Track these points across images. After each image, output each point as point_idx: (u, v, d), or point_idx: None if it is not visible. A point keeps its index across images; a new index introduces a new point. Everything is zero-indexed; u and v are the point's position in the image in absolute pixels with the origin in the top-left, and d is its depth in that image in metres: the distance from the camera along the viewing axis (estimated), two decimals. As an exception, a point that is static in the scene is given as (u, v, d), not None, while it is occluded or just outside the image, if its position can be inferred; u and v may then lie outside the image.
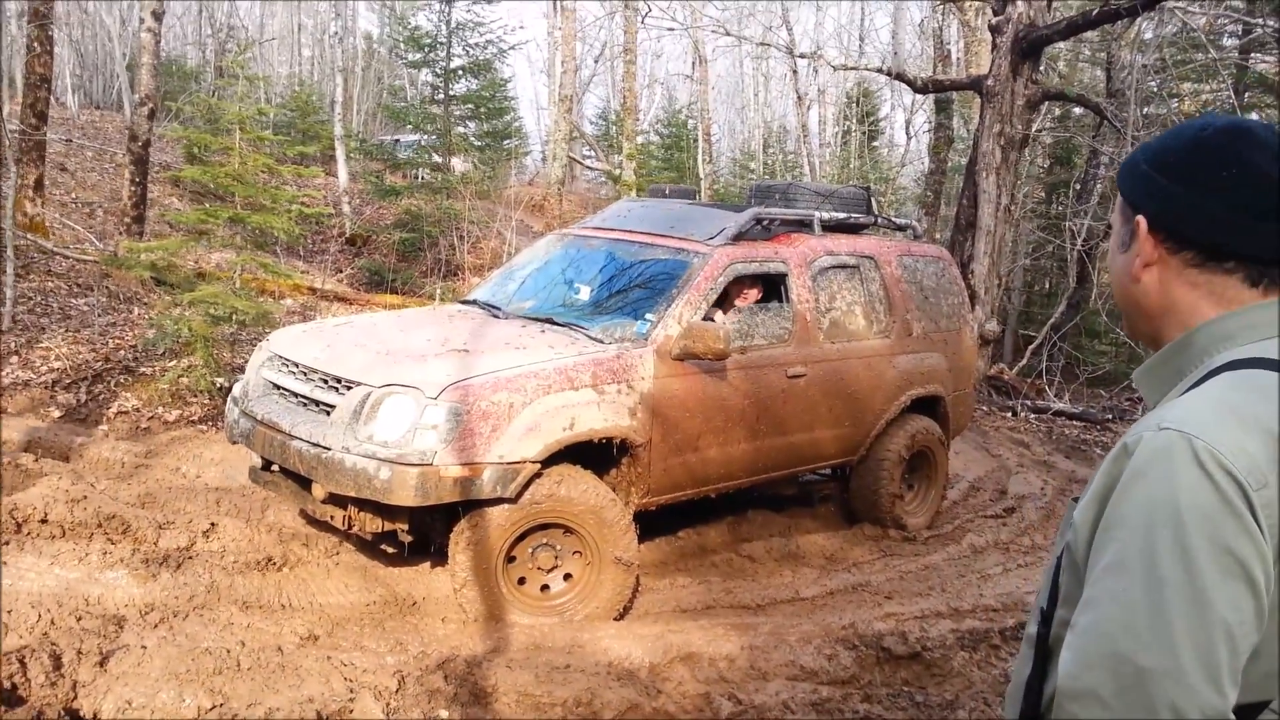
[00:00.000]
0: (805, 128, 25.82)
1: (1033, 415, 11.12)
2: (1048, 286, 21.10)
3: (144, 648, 3.73)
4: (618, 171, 19.31)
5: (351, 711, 3.47)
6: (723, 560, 5.71)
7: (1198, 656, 1.08)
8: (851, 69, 14.66)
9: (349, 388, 4.46)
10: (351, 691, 3.59)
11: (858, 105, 26.43)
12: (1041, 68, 12.77)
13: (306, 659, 3.80)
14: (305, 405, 4.65)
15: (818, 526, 6.37)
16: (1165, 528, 1.11)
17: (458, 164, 17.33)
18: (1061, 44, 14.76)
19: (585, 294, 5.55)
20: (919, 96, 20.84)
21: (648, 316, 5.08)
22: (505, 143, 20.77)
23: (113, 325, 8.40)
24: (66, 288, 9.14)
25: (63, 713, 3.31)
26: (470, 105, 17.48)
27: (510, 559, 4.53)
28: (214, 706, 3.45)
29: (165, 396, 7.20)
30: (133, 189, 11.01)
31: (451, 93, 16.68)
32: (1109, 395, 12.64)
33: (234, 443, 5.02)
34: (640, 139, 25.03)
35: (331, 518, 4.60)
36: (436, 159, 16.25)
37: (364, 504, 4.46)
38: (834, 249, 6.03)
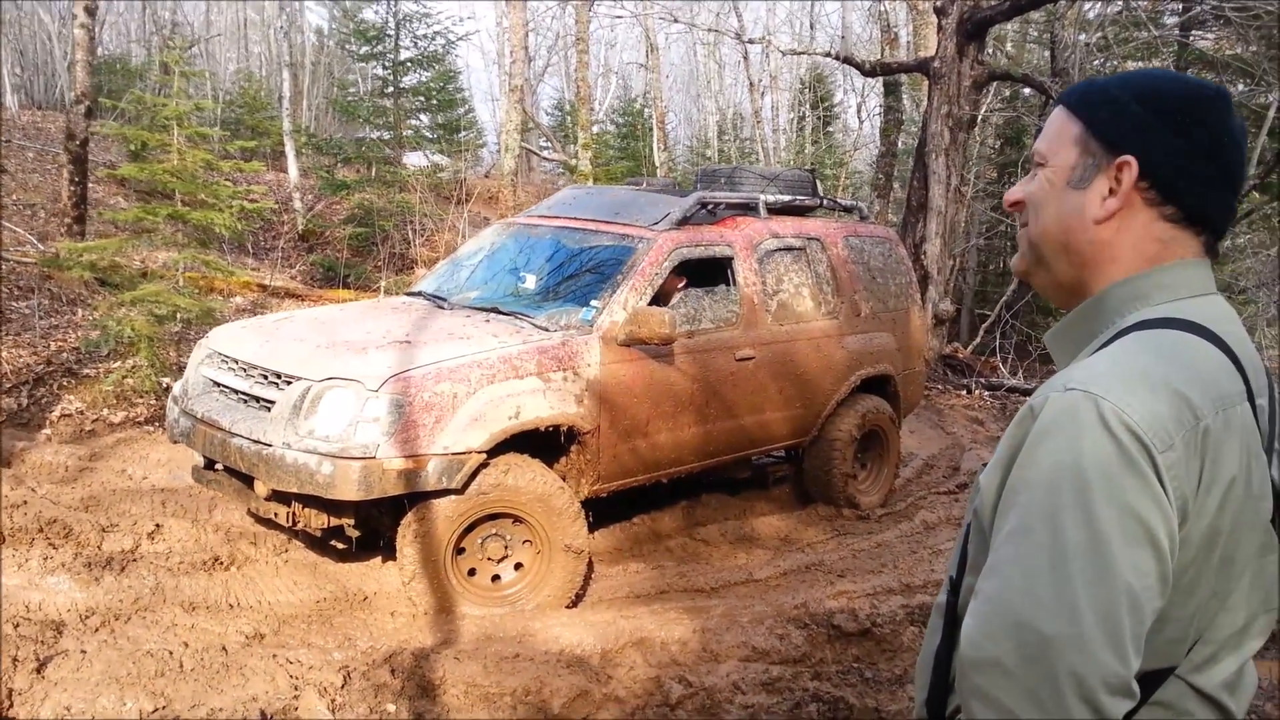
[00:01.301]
0: (759, 114, 25.88)
1: (987, 393, 11.24)
2: (1001, 266, 21.33)
3: (84, 652, 3.67)
4: (574, 162, 19.22)
5: (296, 709, 3.44)
6: (677, 545, 5.72)
7: (1100, 623, 1.05)
8: (800, 54, 14.71)
9: (289, 382, 4.40)
10: (296, 689, 3.55)
11: (811, 91, 26.55)
12: (988, 49, 12.88)
13: (251, 658, 3.75)
14: (245, 402, 4.58)
15: (772, 508, 6.40)
16: (1069, 491, 1.08)
17: (417, 159, 17.19)
18: (1007, 24, 14.90)
19: (531, 282, 5.51)
20: (870, 81, 20.96)
21: (593, 303, 5.06)
22: (458, 135, 20.62)
23: (55, 328, 8.23)
24: (7, 291, 8.93)
25: (-2, 721, 3.25)
26: (421, 98, 17.30)
27: (459, 550, 4.50)
28: (156, 710, 3.40)
29: (110, 398, 7.07)
30: (72, 189, 10.78)
31: (401, 85, 16.50)
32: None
33: (175, 442, 4.94)
34: (596, 129, 24.93)
35: (276, 515, 4.54)
36: (388, 152, 16.07)
37: (308, 500, 4.40)
38: (779, 231, 6.04)
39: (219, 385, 4.77)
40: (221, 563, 4.79)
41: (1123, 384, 1.12)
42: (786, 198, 6.33)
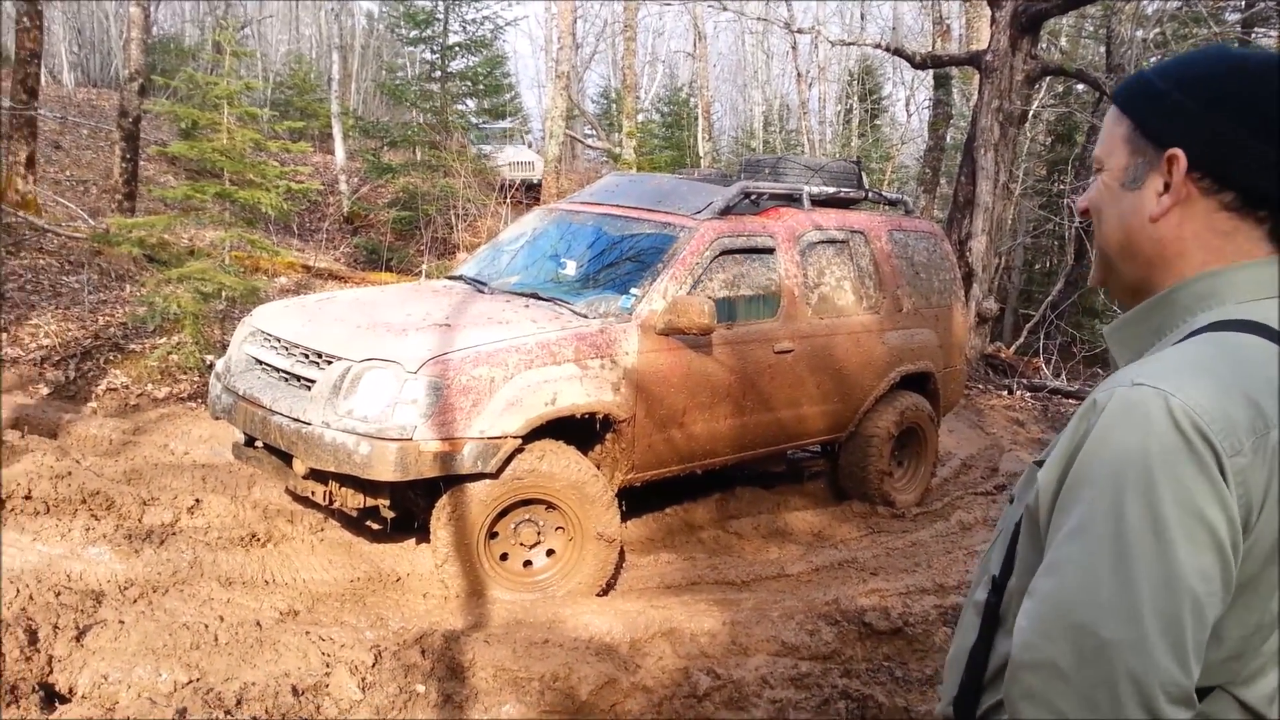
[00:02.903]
0: (806, 105, 25.68)
1: (1029, 394, 11.09)
2: (1048, 265, 21.04)
3: (121, 623, 3.73)
4: (618, 150, 19.22)
5: (327, 686, 3.47)
6: (710, 537, 5.70)
7: (1163, 628, 1.01)
8: (850, 44, 14.56)
9: (329, 362, 4.43)
10: (328, 666, 3.58)
11: (859, 83, 26.30)
12: (1042, 43, 12.66)
13: (285, 634, 3.79)
14: (286, 380, 4.62)
15: (806, 504, 6.35)
16: (1134, 489, 1.04)
17: (513, 153, 17.36)
18: (1062, 19, 14.64)
19: (571, 269, 5.51)
20: (920, 73, 20.71)
21: (632, 291, 5.04)
22: (503, 121, 20.70)
23: (103, 303, 8.38)
24: (58, 265, 9.11)
25: (37, 687, 3.31)
26: (468, 83, 17.39)
27: (493, 535, 4.52)
28: (190, 681, 3.45)
29: (154, 373, 7.19)
30: (124, 165, 10.96)
31: (449, 70, 16.59)
32: (1107, 373, 12.62)
33: (216, 418, 5.01)
34: (641, 117, 24.89)
35: (313, 493, 4.58)
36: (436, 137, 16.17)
37: (345, 479, 4.43)
38: (822, 223, 5.97)
39: (261, 363, 4.81)
40: (258, 539, 4.85)
41: (1194, 383, 1.07)
42: (831, 189, 6.27)
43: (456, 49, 16.60)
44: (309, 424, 4.29)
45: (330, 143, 18.78)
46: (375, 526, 5.04)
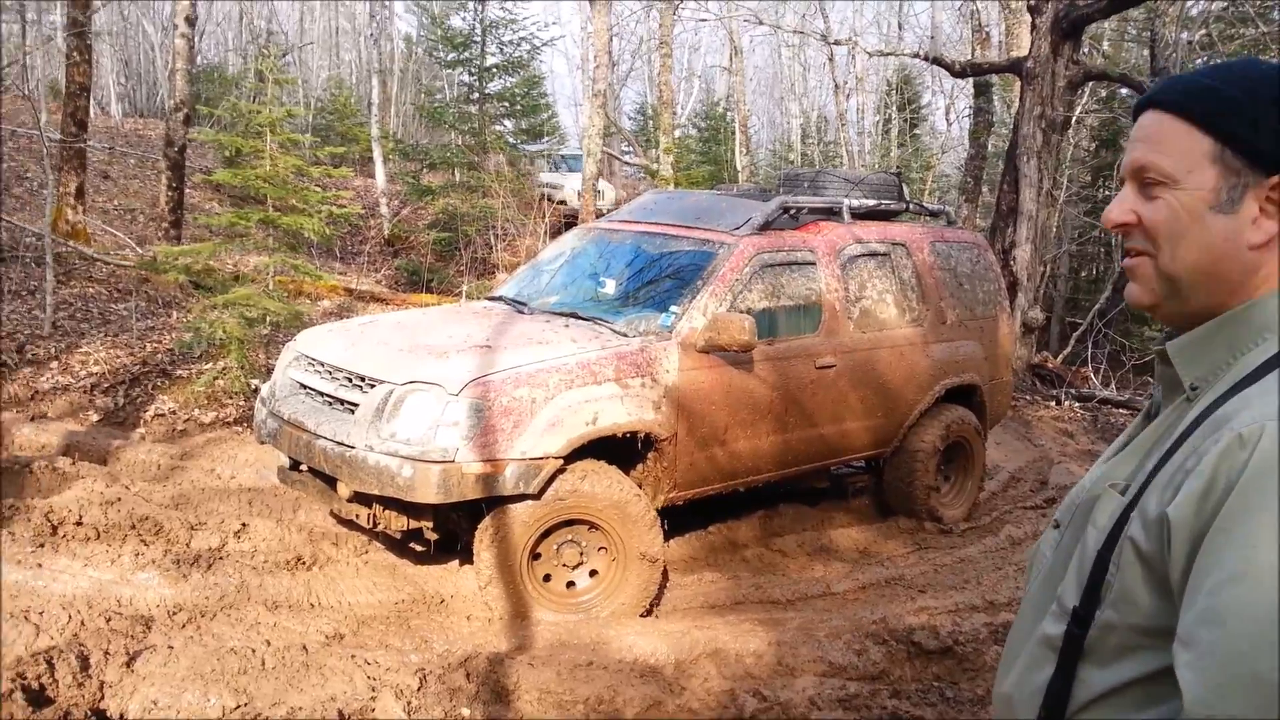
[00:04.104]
0: (844, 117, 25.57)
1: (1077, 404, 10.90)
2: (1094, 272, 20.72)
3: (170, 648, 3.76)
4: (655, 166, 19.26)
5: (373, 710, 3.48)
6: (753, 555, 5.65)
7: None
8: (888, 55, 14.49)
9: (372, 385, 4.46)
10: (373, 690, 3.59)
11: (898, 93, 26.16)
12: (1084, 48, 12.50)
13: (331, 658, 3.81)
14: (330, 404, 4.66)
15: (851, 520, 6.27)
16: None
17: (575, 181, 17.36)
18: (1104, 23, 14.45)
19: (610, 287, 5.50)
20: (960, 82, 20.55)
21: (672, 309, 5.02)
22: (542, 140, 20.83)
23: (151, 329, 8.52)
24: (106, 293, 9.29)
25: (89, 713, 3.35)
26: (505, 103, 17.54)
27: (535, 556, 4.51)
28: (238, 706, 3.47)
29: (201, 399, 7.29)
30: (170, 194, 11.17)
31: (487, 91, 16.74)
32: (1152, 385, 12.35)
33: (262, 443, 5.05)
34: (678, 133, 24.93)
35: (357, 516, 4.61)
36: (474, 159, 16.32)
37: (389, 502, 4.45)
38: (863, 236, 5.92)
39: (305, 387, 4.86)
40: (304, 562, 4.88)
41: None
42: (871, 202, 6.21)
43: (494, 70, 16.76)
44: (352, 447, 4.32)
45: (371, 166, 19.01)
46: (419, 549, 5.06)
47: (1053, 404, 10.81)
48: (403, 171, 17.77)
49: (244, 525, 5.14)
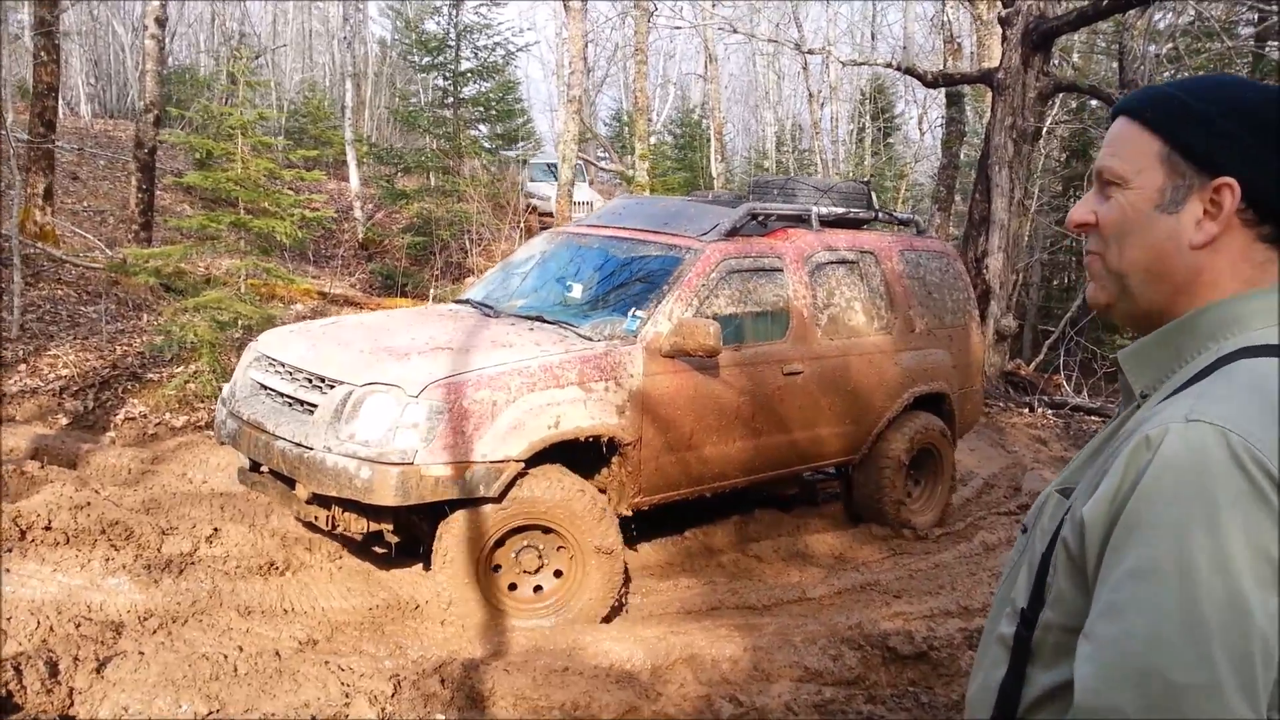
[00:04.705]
0: (818, 125, 25.73)
1: (1050, 411, 11.00)
2: (1066, 281, 20.97)
3: (141, 654, 3.71)
4: (631, 172, 19.28)
5: (347, 716, 3.45)
6: (729, 560, 5.66)
7: (1236, 672, 0.97)
8: (861, 64, 14.59)
9: (331, 386, 4.43)
10: (347, 696, 3.56)
11: (872, 102, 26.36)
12: (1054, 60, 12.65)
13: (304, 664, 3.77)
14: (290, 405, 4.61)
15: (826, 526, 6.30)
16: (1200, 530, 1.00)
17: (584, 194, 17.17)
18: (1074, 35, 14.64)
19: (578, 291, 5.49)
20: (932, 92, 20.73)
21: (637, 313, 4.99)
22: (516, 145, 20.80)
23: (121, 332, 8.42)
24: (76, 295, 9.17)
25: (58, 719, 3.30)
26: (480, 108, 17.51)
27: (495, 568, 4.49)
28: (210, 713, 3.43)
29: (172, 402, 7.21)
30: (140, 196, 11.05)
31: (461, 96, 16.71)
32: (1117, 393, 12.48)
33: (222, 444, 5.01)
34: (653, 139, 24.99)
35: (316, 518, 4.57)
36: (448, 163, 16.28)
37: (348, 504, 4.41)
38: (832, 244, 5.93)
39: (265, 388, 4.80)
40: (277, 568, 4.83)
41: (1250, 418, 1.05)
42: (840, 210, 6.21)
43: (469, 75, 16.74)
44: (311, 449, 4.28)
45: (345, 170, 18.91)
46: (381, 551, 5.01)
47: (1026, 411, 10.91)
48: (377, 175, 17.71)
49: (216, 530, 5.07)
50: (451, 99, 16.71)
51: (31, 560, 4.44)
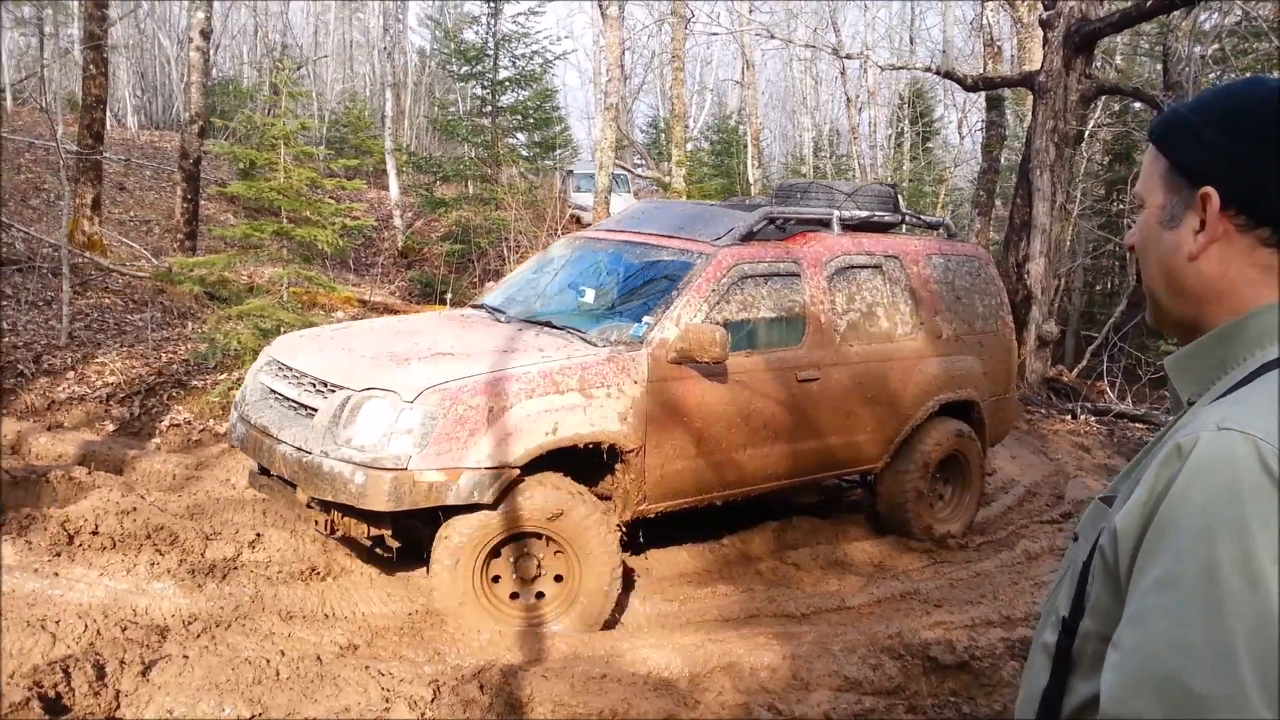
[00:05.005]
0: (856, 130, 25.60)
1: (1093, 418, 10.83)
2: (1109, 286, 20.66)
3: (186, 657, 3.76)
4: (668, 179, 19.30)
5: (387, 721, 3.47)
6: (767, 568, 5.63)
7: (1260, 681, 0.96)
8: (900, 68, 14.49)
9: (333, 391, 4.45)
10: (387, 701, 3.58)
11: (910, 106, 26.18)
12: (1097, 62, 12.49)
13: (345, 668, 3.80)
14: (294, 409, 4.62)
15: (865, 534, 6.24)
16: (1227, 539, 1.00)
17: (620, 201, 17.26)
18: (1117, 37, 14.44)
19: (590, 297, 5.45)
20: (972, 95, 20.54)
21: (645, 319, 4.94)
22: (554, 153, 20.90)
23: (166, 340, 8.56)
24: (122, 304, 9.34)
25: (104, 722, 3.35)
26: (518, 116, 17.62)
27: (495, 578, 4.47)
28: (252, 716, 3.47)
29: (216, 409, 7.31)
30: (185, 205, 11.24)
31: (499, 104, 16.82)
32: (1165, 400, 12.24)
33: (234, 447, 5.05)
34: (690, 146, 24.99)
35: (316, 522, 4.61)
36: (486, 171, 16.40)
37: (347, 508, 4.42)
38: (852, 248, 5.82)
39: (274, 393, 4.83)
40: (318, 573, 4.88)
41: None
42: (864, 213, 6.07)
43: (506, 84, 16.84)
44: (310, 453, 4.31)
45: (385, 179, 19.11)
46: (384, 554, 4.99)
47: (1068, 418, 10.75)
48: (416, 184, 17.86)
49: (258, 535, 5.14)
50: (490, 107, 16.82)
51: (79, 564, 4.52)
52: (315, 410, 4.46)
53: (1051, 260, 11.61)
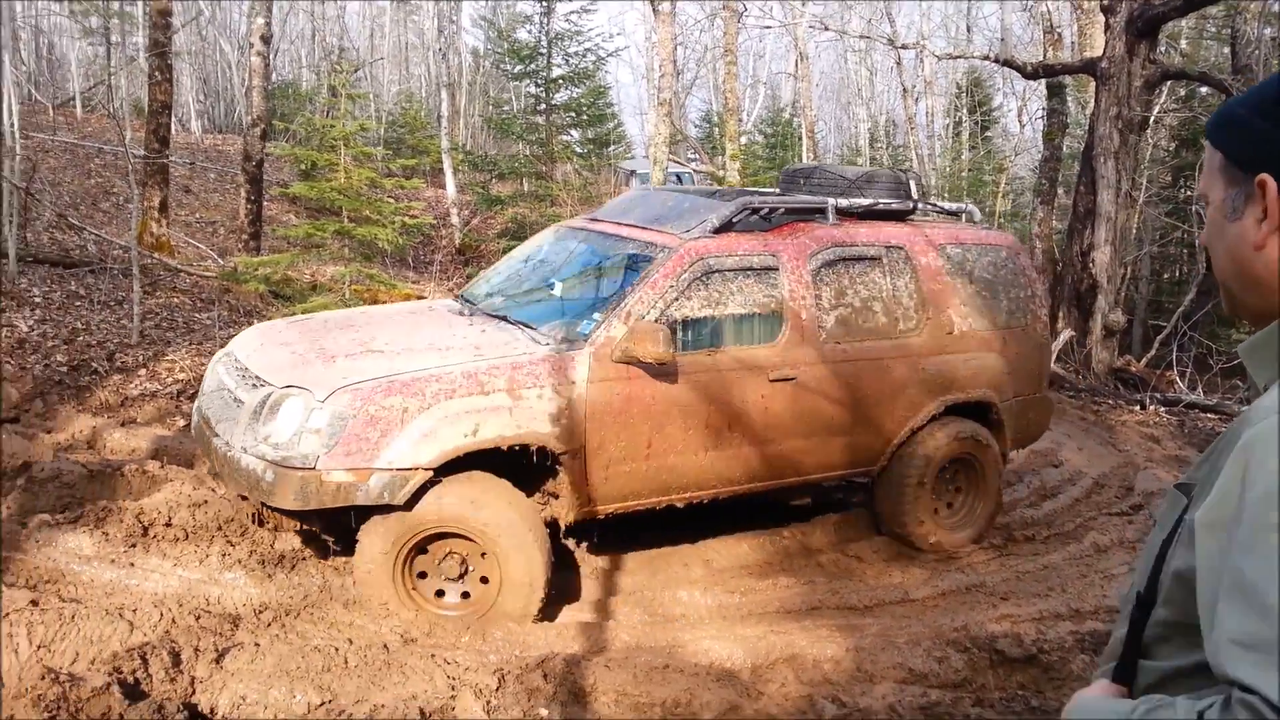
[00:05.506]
0: (912, 120, 25.28)
1: (1163, 408, 10.57)
2: (1177, 274, 20.17)
3: (257, 645, 3.85)
4: (721, 173, 19.23)
5: (453, 709, 3.51)
6: (829, 560, 5.58)
7: None
8: (957, 57, 14.28)
9: (260, 386, 4.46)
10: (453, 689, 3.62)
11: (968, 95, 25.79)
12: (1161, 46, 12.19)
13: (411, 657, 3.85)
14: (233, 403, 4.64)
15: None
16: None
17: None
18: (1181, 21, 14.09)
19: (558, 290, 5.33)
20: (1032, 83, 20.16)
21: (594, 315, 4.79)
22: (607, 149, 20.94)
23: (232, 338, 8.73)
24: (190, 303, 9.56)
25: (181, 707, 3.43)
26: (572, 113, 17.69)
27: (422, 575, 4.43)
28: (322, 703, 3.53)
29: (281, 405, 7.44)
30: (249, 207, 11.46)
31: (553, 102, 16.90)
32: (1246, 386, 11.92)
33: (194, 439, 5.12)
34: (744, 139, 24.88)
35: (251, 515, 4.69)
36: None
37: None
38: (846, 239, 5.45)
39: (222, 385, 4.85)
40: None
41: None
42: (866, 201, 5.73)
43: (560, 81, 16.91)
44: (231, 447, 4.35)
45: (441, 177, 19.32)
46: (332, 543, 4.90)
47: (1137, 409, 10.51)
48: (472, 182, 18.03)
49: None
50: (543, 105, 16.91)
51: (154, 555, 4.64)
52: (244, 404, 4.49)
53: (1117, 248, 11.36)
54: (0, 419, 6.26)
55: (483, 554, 4.39)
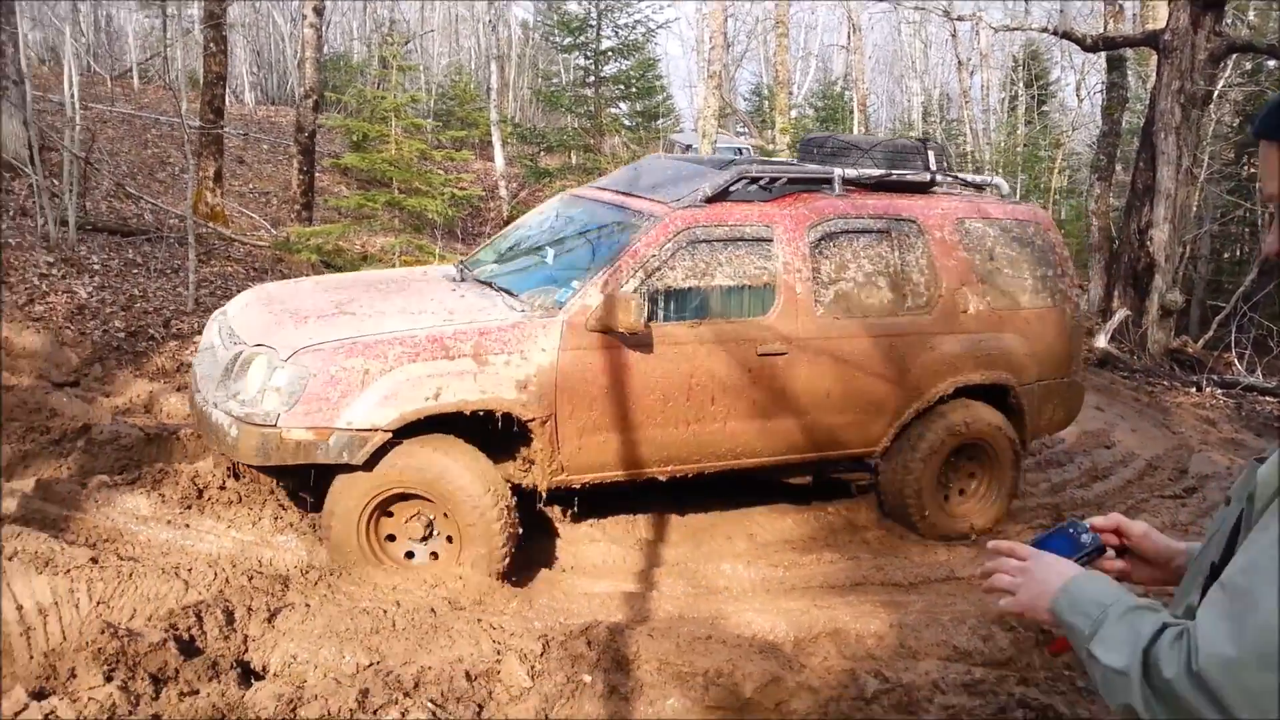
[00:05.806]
0: (967, 94, 24.85)
1: (1220, 391, 10.36)
2: (1238, 253, 19.69)
3: (308, 606, 3.92)
4: (771, 146, 19.09)
5: (498, 672, 3.56)
6: (874, 537, 5.56)
7: None
8: (1014, 29, 13.98)
9: (236, 345, 4.57)
10: (498, 654, 3.67)
11: (1025, 69, 25.27)
12: (1227, 18, 11.85)
13: (458, 621, 3.91)
14: (215, 361, 4.74)
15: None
16: None
17: None
18: (1251, -10, 13.66)
19: (550, 257, 5.30)
20: (1091, 56, 19.70)
21: (573, 284, 4.75)
22: (656, 122, 20.86)
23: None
24: (244, 271, 9.71)
25: (235, 664, 3.52)
26: (621, 86, 17.62)
27: (390, 538, 4.49)
28: (371, 664, 3.60)
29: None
30: (301, 177, 11.58)
31: (602, 74, 16.85)
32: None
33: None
34: (794, 113, 24.64)
35: (229, 469, 4.83)
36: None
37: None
38: (850, 210, 5.25)
39: (212, 344, 4.95)
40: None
41: None
42: (877, 172, 5.53)
43: (609, 54, 16.85)
44: (206, 402, 4.48)
45: (490, 150, 19.38)
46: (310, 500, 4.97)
47: (1193, 390, 10.30)
48: (521, 154, 18.07)
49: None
50: (592, 78, 16.87)
51: (209, 517, 4.75)
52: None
53: (1176, 226, 11.11)
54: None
55: (445, 514, 4.45)
